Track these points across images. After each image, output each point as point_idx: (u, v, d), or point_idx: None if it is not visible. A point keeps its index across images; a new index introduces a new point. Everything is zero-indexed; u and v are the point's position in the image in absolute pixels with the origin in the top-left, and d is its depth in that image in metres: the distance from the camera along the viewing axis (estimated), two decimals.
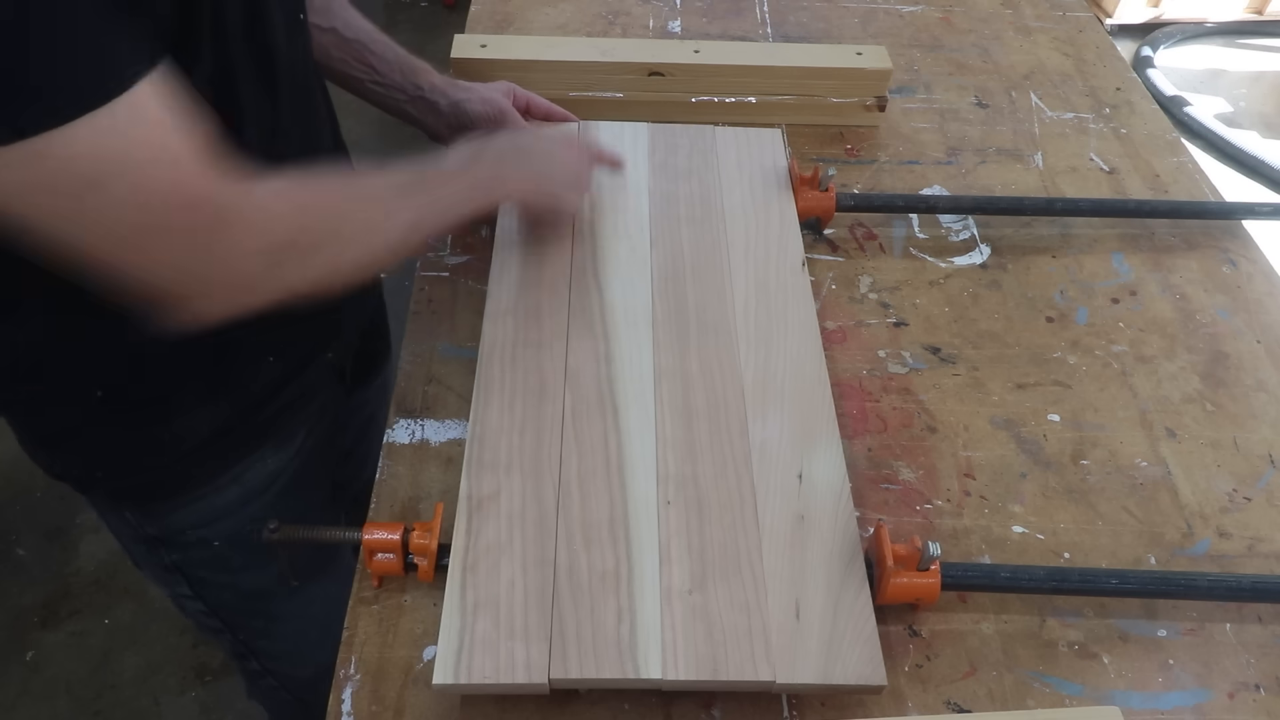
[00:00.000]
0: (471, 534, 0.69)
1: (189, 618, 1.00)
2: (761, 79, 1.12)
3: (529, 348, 0.82)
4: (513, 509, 0.71)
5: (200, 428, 0.79)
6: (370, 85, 0.92)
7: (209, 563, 0.89)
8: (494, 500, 0.71)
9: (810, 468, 0.75)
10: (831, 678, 0.63)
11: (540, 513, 0.71)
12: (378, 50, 0.91)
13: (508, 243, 0.91)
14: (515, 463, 0.74)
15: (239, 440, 0.82)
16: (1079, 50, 1.33)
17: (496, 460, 0.74)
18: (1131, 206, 1.07)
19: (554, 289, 0.87)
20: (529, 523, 0.70)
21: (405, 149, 0.75)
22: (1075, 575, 0.72)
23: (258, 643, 1.03)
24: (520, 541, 0.69)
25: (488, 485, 0.72)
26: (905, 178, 1.11)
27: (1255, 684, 0.71)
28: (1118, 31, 1.81)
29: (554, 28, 1.28)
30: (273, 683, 1.09)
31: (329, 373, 0.90)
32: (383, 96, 0.93)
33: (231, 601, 0.95)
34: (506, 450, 0.75)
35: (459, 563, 0.68)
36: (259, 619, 0.99)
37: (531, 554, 0.69)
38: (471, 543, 0.69)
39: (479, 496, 0.72)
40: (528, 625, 0.65)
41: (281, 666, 1.07)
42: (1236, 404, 0.90)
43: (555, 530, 0.70)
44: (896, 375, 0.90)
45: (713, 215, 0.95)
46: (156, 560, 0.89)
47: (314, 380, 0.87)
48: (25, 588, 1.74)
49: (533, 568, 0.68)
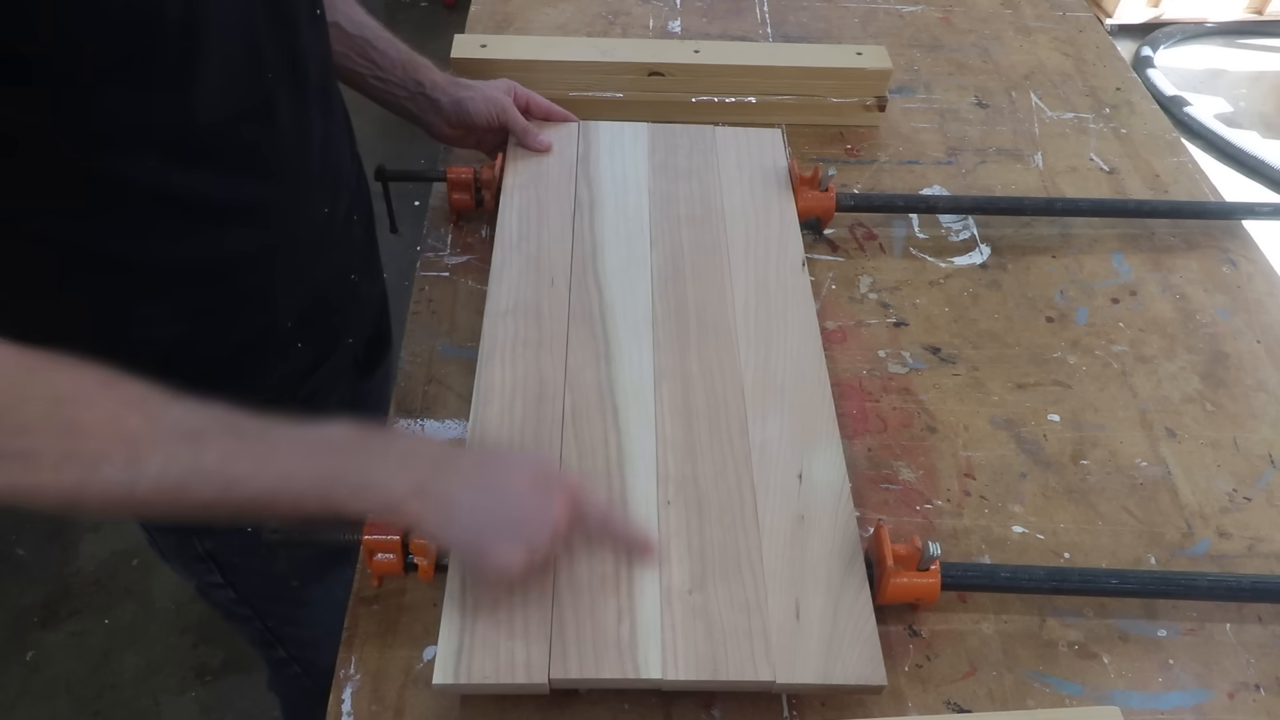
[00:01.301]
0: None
1: (216, 607, 1.00)
2: (761, 79, 1.12)
3: (529, 348, 0.82)
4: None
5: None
6: (372, 81, 0.92)
7: (243, 548, 0.89)
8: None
9: (810, 468, 0.75)
10: (831, 678, 0.63)
11: None
12: (380, 46, 0.91)
13: (508, 243, 0.91)
14: None
15: None
16: (1079, 50, 1.33)
17: None
18: (1131, 206, 1.07)
19: (554, 289, 0.87)
20: None
21: (405, 149, 0.75)
22: (1075, 575, 0.72)
23: (284, 629, 1.03)
24: None
25: None
26: (905, 178, 1.11)
27: (1255, 684, 0.71)
28: (1118, 31, 1.81)
29: (554, 28, 1.28)
30: (297, 670, 1.10)
31: (349, 359, 0.91)
32: (384, 93, 0.93)
33: (262, 588, 0.96)
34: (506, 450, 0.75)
35: (459, 563, 0.68)
36: (287, 604, 0.99)
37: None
38: None
39: None
40: (528, 625, 0.65)
41: (306, 653, 1.08)
42: (1236, 404, 0.90)
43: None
44: (896, 375, 0.90)
45: (713, 215, 0.95)
46: (188, 550, 0.89)
47: (336, 367, 0.88)
48: (25, 588, 1.74)
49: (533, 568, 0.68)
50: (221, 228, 0.71)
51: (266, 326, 0.78)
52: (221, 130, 0.66)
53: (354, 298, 0.88)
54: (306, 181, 0.76)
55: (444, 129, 0.97)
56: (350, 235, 0.86)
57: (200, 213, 0.68)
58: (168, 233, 0.68)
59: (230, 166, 0.68)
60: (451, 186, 0.97)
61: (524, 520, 0.61)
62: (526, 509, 0.62)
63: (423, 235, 1.00)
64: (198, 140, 0.65)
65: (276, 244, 0.75)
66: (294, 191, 0.75)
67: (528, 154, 1.00)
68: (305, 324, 0.80)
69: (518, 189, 0.96)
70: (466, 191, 0.97)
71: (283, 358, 0.81)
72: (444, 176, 0.97)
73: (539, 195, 0.96)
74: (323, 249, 0.80)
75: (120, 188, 0.64)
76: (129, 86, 0.59)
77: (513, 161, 0.99)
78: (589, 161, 1.00)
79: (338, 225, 0.82)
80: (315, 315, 0.81)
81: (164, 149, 0.64)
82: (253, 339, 0.77)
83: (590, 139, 1.03)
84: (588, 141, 1.03)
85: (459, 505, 0.60)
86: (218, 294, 0.73)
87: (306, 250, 0.78)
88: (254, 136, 0.69)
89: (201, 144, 0.66)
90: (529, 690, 0.63)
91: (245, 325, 0.76)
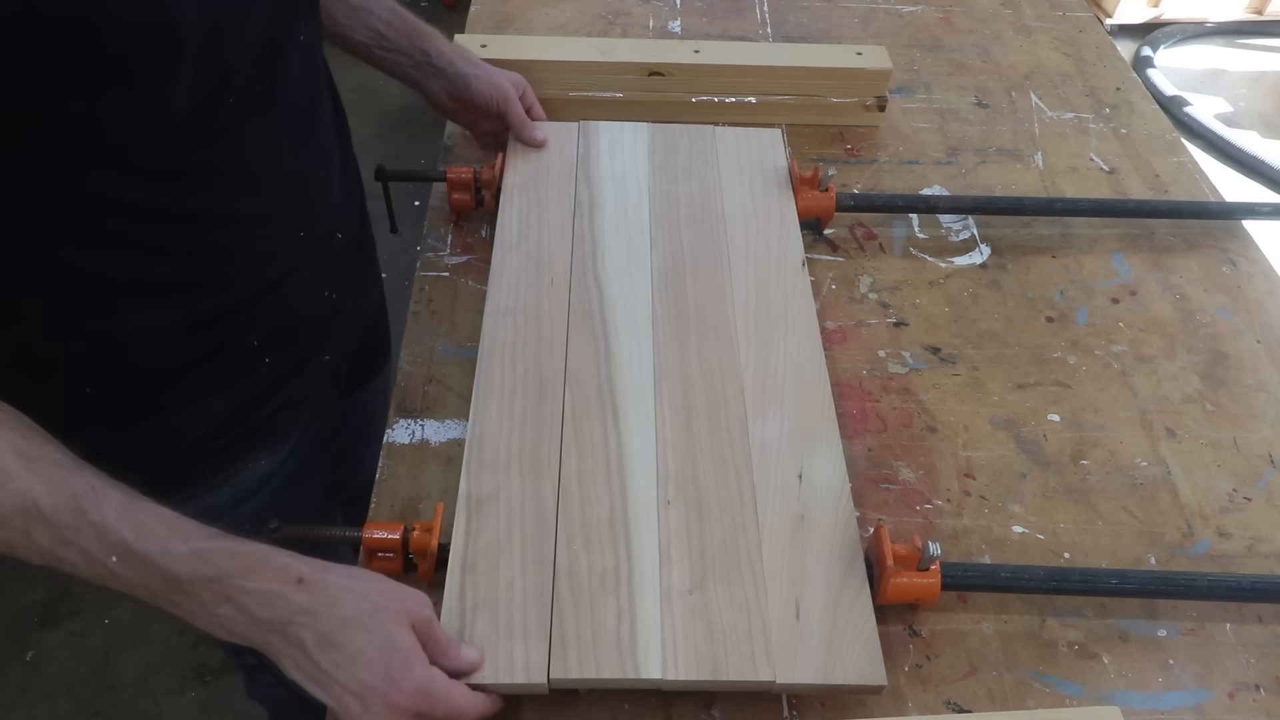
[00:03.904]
0: (471, 534, 0.69)
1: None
2: (761, 79, 1.12)
3: (529, 347, 0.82)
4: (512, 509, 0.71)
5: (194, 428, 0.79)
6: (377, 51, 0.93)
7: None
8: (493, 500, 0.71)
9: (810, 467, 0.75)
10: (831, 678, 0.63)
11: (539, 512, 0.71)
12: (384, 16, 0.92)
13: (507, 243, 0.91)
14: (515, 462, 0.74)
15: (233, 441, 0.82)
16: (1079, 50, 1.33)
17: (496, 460, 0.74)
18: (1131, 206, 1.07)
19: (554, 289, 0.87)
20: (528, 522, 0.70)
21: (405, 149, 0.75)
22: (1075, 575, 0.72)
23: None
24: (520, 541, 0.69)
25: (487, 485, 0.72)
26: (905, 178, 1.11)
27: (1255, 684, 0.71)
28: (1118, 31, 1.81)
29: (554, 28, 1.28)
30: (269, 679, 1.09)
31: (326, 375, 0.90)
32: (388, 61, 0.94)
33: None
34: (506, 450, 0.74)
35: (458, 562, 0.68)
36: None
37: (531, 554, 0.68)
38: (470, 542, 0.69)
39: (478, 496, 0.72)
40: (527, 625, 0.65)
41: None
42: (1236, 404, 0.90)
43: (555, 530, 0.70)
44: (896, 375, 0.90)
45: (713, 215, 0.95)
46: None
47: (310, 382, 0.87)
48: (25, 588, 1.74)
49: (532, 567, 0.68)
50: (179, 247, 0.69)
51: (229, 344, 0.76)
52: (181, 153, 0.65)
53: (334, 314, 0.85)
54: (275, 207, 0.75)
55: (443, 99, 0.97)
56: (330, 256, 0.83)
57: (158, 232, 0.67)
58: (125, 247, 0.67)
59: (189, 188, 0.67)
60: (451, 186, 0.97)
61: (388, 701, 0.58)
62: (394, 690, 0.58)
63: (423, 235, 1.00)
64: (159, 159, 0.64)
65: (240, 267, 0.74)
66: (260, 216, 0.73)
67: (528, 154, 1.00)
68: (275, 342, 0.79)
69: (518, 189, 0.96)
70: (466, 191, 0.97)
71: (246, 375, 0.79)
72: (444, 176, 0.97)
73: (539, 195, 0.96)
74: (294, 270, 0.78)
75: (78, 201, 0.63)
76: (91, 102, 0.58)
77: (513, 161, 0.99)
78: (589, 161, 1.00)
79: (314, 247, 0.80)
80: (285, 334, 0.80)
81: (124, 166, 0.63)
82: (214, 354, 0.76)
83: (590, 139, 1.03)
84: (588, 141, 1.03)
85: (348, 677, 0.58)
86: (176, 313, 0.72)
87: (274, 272, 0.77)
88: (216, 162, 0.67)
89: (163, 163, 0.64)
90: (528, 690, 0.63)
91: (204, 343, 0.75)
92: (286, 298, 0.79)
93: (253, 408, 0.82)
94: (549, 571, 0.67)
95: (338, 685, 0.58)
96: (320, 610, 0.58)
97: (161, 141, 0.64)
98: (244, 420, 0.82)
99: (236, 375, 0.79)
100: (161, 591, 0.58)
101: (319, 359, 0.87)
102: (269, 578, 0.58)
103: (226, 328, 0.75)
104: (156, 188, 0.65)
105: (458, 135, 1.12)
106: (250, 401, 0.81)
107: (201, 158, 0.66)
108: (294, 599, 0.58)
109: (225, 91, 0.65)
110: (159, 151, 0.64)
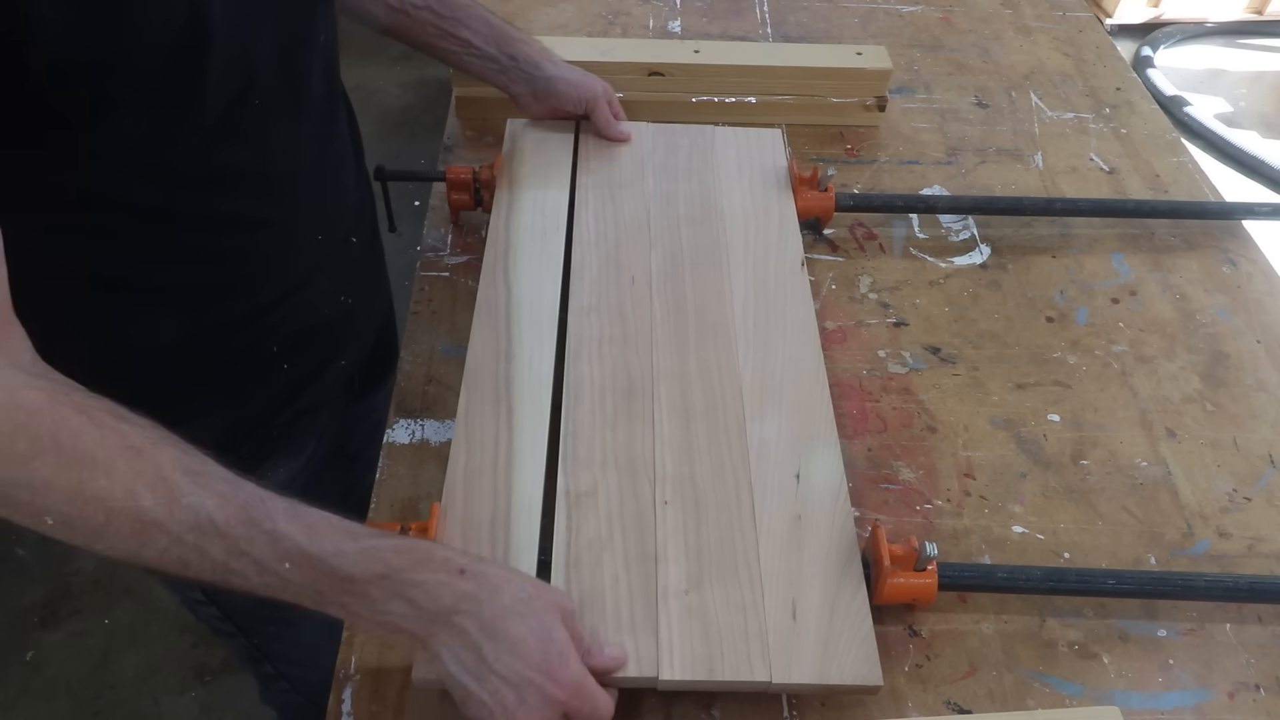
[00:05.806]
0: (572, 530, 0.70)
1: (201, 622, 0.99)
2: (761, 79, 1.12)
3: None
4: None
5: (214, 438, 0.79)
6: (465, 58, 0.97)
7: None
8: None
9: (808, 468, 0.75)
10: (828, 678, 0.63)
11: (638, 508, 0.71)
12: (472, 25, 0.95)
13: (586, 240, 0.91)
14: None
15: (253, 448, 0.82)
16: (1079, 50, 1.33)
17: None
18: (1131, 206, 1.07)
19: (635, 287, 0.87)
20: (628, 518, 0.71)
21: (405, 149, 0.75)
22: (1072, 575, 0.71)
23: (272, 646, 1.02)
24: (620, 537, 0.70)
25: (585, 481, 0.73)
26: (905, 178, 1.11)
27: (1255, 684, 0.70)
28: (1118, 31, 1.81)
29: (554, 28, 1.28)
30: (286, 686, 1.09)
31: (341, 380, 0.90)
32: (476, 66, 0.98)
33: (245, 606, 0.95)
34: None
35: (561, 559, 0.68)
36: (273, 624, 0.99)
37: (633, 549, 0.69)
38: (572, 539, 0.69)
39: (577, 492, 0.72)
40: (634, 619, 0.65)
41: (295, 670, 1.07)
42: (1236, 404, 0.90)
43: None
44: (896, 375, 0.89)
45: (712, 215, 0.95)
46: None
47: (326, 388, 0.87)
48: (25, 588, 1.74)
49: (635, 562, 0.68)
50: (204, 253, 0.70)
51: (249, 351, 0.76)
52: (207, 157, 0.65)
53: (349, 319, 0.86)
54: (298, 209, 0.75)
55: (529, 101, 1.01)
56: (346, 259, 0.84)
57: (184, 237, 0.68)
58: (149, 254, 0.67)
59: (214, 193, 0.67)
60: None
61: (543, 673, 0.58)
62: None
63: (422, 235, 1.00)
64: (188, 164, 0.64)
65: (262, 271, 0.74)
66: (283, 219, 0.74)
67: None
68: (293, 348, 0.79)
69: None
70: (466, 191, 0.97)
71: (264, 382, 0.79)
72: (443, 176, 0.97)
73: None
74: (312, 274, 0.79)
75: (102, 206, 0.63)
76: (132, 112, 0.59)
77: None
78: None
79: (332, 250, 0.81)
80: (304, 339, 0.80)
81: (155, 172, 0.63)
82: (235, 362, 0.76)
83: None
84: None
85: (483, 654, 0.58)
86: (196, 320, 0.72)
87: (294, 276, 0.77)
88: (242, 165, 0.68)
89: (191, 168, 0.65)
90: (639, 684, 0.63)
91: (225, 351, 0.75)
92: (305, 302, 0.79)
93: (271, 416, 0.82)
94: (651, 567, 0.68)
95: (495, 677, 0.57)
96: (484, 597, 0.58)
97: (192, 146, 0.64)
98: (264, 428, 0.81)
99: (256, 383, 0.79)
100: (330, 593, 0.58)
101: (335, 364, 0.87)
102: (435, 569, 0.59)
103: (247, 334, 0.75)
104: (184, 194, 0.66)
105: (457, 135, 1.12)
106: (269, 409, 0.81)
107: (229, 161, 0.67)
108: (459, 587, 0.58)
109: (250, 92, 0.65)
110: (188, 157, 0.64)
